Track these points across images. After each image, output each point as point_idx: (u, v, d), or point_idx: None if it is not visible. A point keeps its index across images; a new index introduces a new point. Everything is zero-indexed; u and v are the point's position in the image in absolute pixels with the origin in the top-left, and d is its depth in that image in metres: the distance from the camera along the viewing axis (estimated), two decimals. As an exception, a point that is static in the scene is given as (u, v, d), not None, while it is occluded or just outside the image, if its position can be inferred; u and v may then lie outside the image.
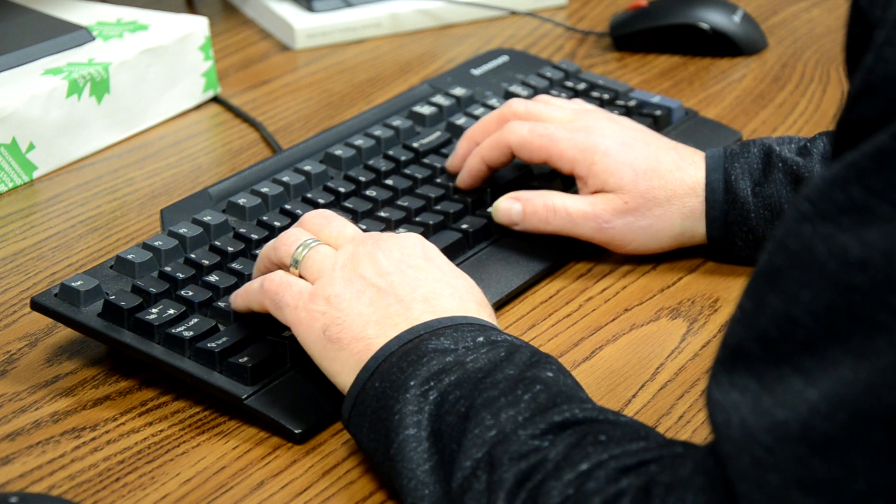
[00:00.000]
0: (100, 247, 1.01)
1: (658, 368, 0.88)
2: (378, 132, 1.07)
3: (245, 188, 1.00)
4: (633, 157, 0.95)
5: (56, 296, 0.87)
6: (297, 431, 0.80)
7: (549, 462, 0.66)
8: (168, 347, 0.84)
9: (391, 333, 0.77)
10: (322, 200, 0.98)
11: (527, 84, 1.17)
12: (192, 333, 0.83)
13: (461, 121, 1.10)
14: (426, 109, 1.11)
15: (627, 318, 0.93)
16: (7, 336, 0.91)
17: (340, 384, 0.78)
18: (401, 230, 0.96)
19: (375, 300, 0.79)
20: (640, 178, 0.95)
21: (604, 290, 0.96)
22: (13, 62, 1.13)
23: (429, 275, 0.80)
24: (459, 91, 1.14)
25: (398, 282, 0.79)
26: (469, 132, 1.02)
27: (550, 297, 0.95)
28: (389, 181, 1.01)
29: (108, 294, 0.87)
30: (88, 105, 1.13)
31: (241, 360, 0.82)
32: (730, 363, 0.59)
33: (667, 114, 1.13)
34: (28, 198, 1.08)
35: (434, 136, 1.07)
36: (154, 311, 0.85)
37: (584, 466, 0.64)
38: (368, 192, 1.00)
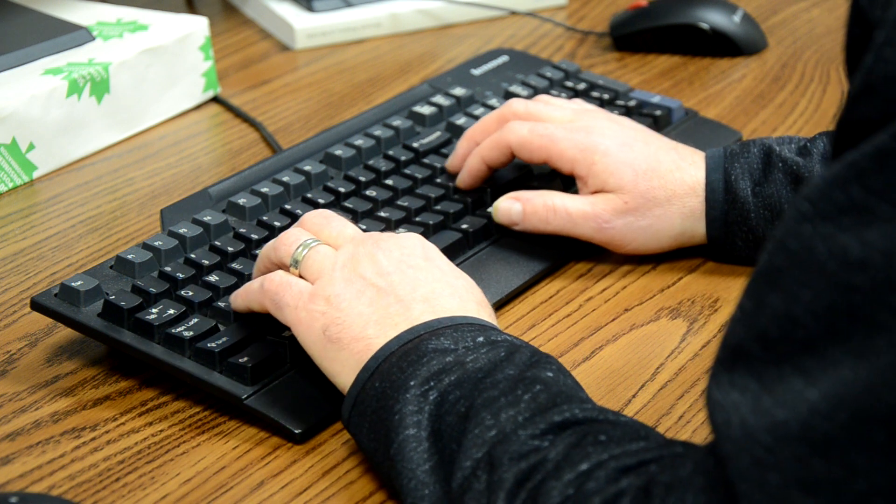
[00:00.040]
0: (100, 247, 1.01)
1: (658, 368, 0.88)
2: (378, 132, 1.07)
3: (245, 188, 1.00)
4: (634, 157, 0.95)
5: (56, 296, 0.87)
6: (297, 431, 0.80)
7: (549, 462, 0.66)
8: (168, 347, 0.84)
9: (391, 333, 0.77)
10: (322, 200, 0.98)
11: (527, 84, 1.17)
12: (192, 333, 0.83)
13: (461, 121, 1.10)
14: (426, 109, 1.11)
15: (627, 318, 0.93)
16: (7, 336, 0.91)
17: (340, 384, 0.78)
18: (401, 230, 0.96)
19: (375, 300, 0.79)
20: (640, 178, 0.95)
21: (604, 290, 0.96)
22: (13, 62, 1.13)
23: (429, 275, 0.80)
24: (459, 91, 1.14)
25: (398, 282, 0.79)
26: (469, 132, 1.02)
27: (550, 297, 0.95)
28: (389, 181, 1.01)
29: (108, 294, 0.87)
30: (88, 105, 1.13)
31: (241, 360, 0.82)
32: (730, 363, 0.59)
33: (667, 114, 1.13)
34: (28, 198, 1.08)
35: (434, 136, 1.07)
36: (154, 311, 0.85)
37: (584, 466, 0.64)
38: (368, 192, 1.00)
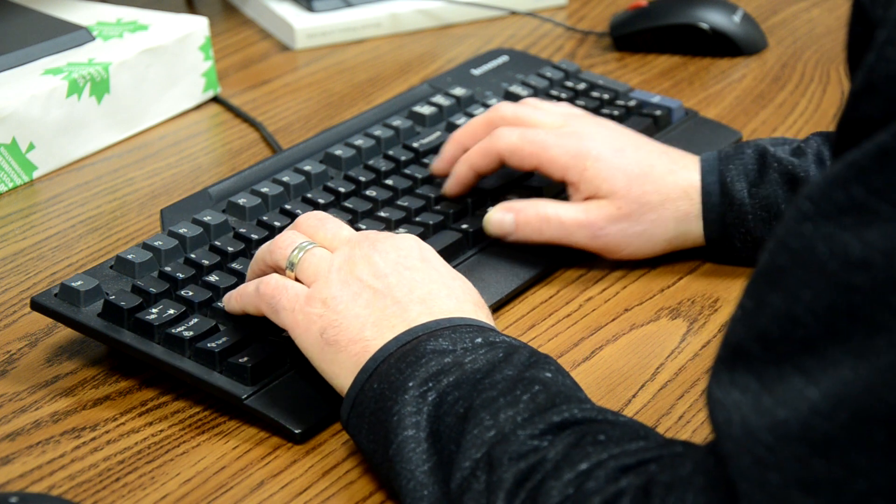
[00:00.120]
0: (100, 247, 1.01)
1: (658, 368, 0.88)
2: (378, 132, 1.07)
3: (245, 188, 1.00)
4: (626, 162, 0.95)
5: (56, 296, 0.87)
6: (297, 431, 0.80)
7: (549, 462, 0.66)
8: (168, 347, 0.84)
9: (389, 335, 0.77)
10: (322, 200, 0.98)
11: (527, 84, 1.17)
12: (192, 333, 0.83)
13: (461, 121, 1.10)
14: (426, 109, 1.11)
15: (627, 318, 0.93)
16: (7, 336, 0.91)
17: (339, 386, 0.78)
18: (401, 230, 0.96)
19: (372, 302, 0.78)
20: (633, 184, 0.94)
21: (604, 291, 0.96)
22: (13, 62, 1.13)
23: (426, 276, 0.80)
24: (459, 91, 1.14)
25: (395, 283, 0.79)
26: (456, 135, 1.00)
27: (550, 298, 0.95)
28: (389, 181, 1.01)
29: (108, 294, 0.87)
30: (88, 105, 1.13)
31: (241, 360, 0.82)
32: (730, 362, 0.59)
33: (667, 114, 1.13)
34: (28, 198, 1.08)
35: (434, 136, 1.07)
36: (154, 311, 0.85)
37: (584, 466, 0.64)
38: (368, 192, 1.00)
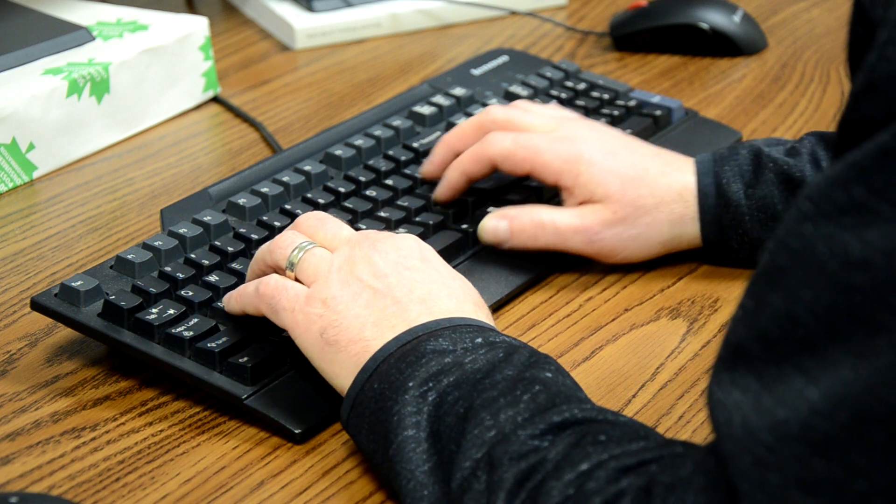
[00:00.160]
0: (100, 247, 1.01)
1: (658, 368, 0.88)
2: (378, 132, 1.07)
3: (245, 188, 1.00)
4: (619, 166, 0.94)
5: (56, 296, 0.87)
6: (297, 431, 0.80)
7: (549, 462, 0.66)
8: (168, 347, 0.84)
9: (389, 335, 0.77)
10: (322, 200, 0.98)
11: (527, 84, 1.17)
12: (192, 333, 0.83)
13: (461, 121, 1.09)
14: (426, 109, 1.11)
15: (627, 318, 0.93)
16: (7, 336, 0.91)
17: (339, 386, 0.78)
18: (401, 230, 0.96)
19: (372, 302, 0.78)
20: (628, 187, 0.94)
21: (604, 290, 0.96)
22: (13, 62, 1.13)
23: (426, 276, 0.80)
24: (459, 91, 1.14)
25: (395, 283, 0.79)
26: (446, 139, 1.00)
27: (550, 297, 0.95)
28: (389, 181, 1.01)
29: (108, 294, 0.87)
30: (88, 105, 1.13)
31: (241, 360, 0.82)
32: (731, 362, 0.59)
33: (667, 114, 1.13)
34: (28, 198, 1.08)
35: (434, 136, 1.07)
36: (154, 311, 0.85)
37: (585, 466, 0.64)
38: (368, 192, 1.00)
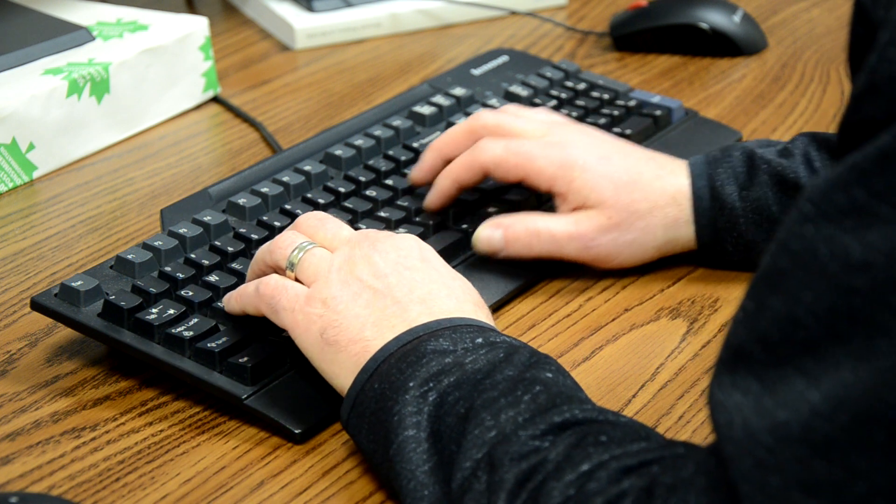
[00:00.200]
0: (100, 247, 1.01)
1: (658, 368, 0.88)
2: (378, 132, 1.07)
3: (245, 188, 1.00)
4: (613, 170, 0.94)
5: (56, 296, 0.87)
6: (297, 431, 0.80)
7: (550, 462, 0.66)
8: (168, 347, 0.84)
9: (389, 335, 0.77)
10: (322, 200, 0.98)
11: (527, 84, 1.17)
12: (192, 333, 0.83)
13: (461, 121, 1.09)
14: (426, 109, 1.11)
15: (627, 318, 0.93)
16: (7, 336, 0.91)
17: (339, 386, 0.78)
18: (401, 230, 0.96)
19: (372, 302, 0.78)
20: (622, 192, 0.93)
21: (604, 291, 0.96)
22: (13, 62, 1.13)
23: (426, 276, 0.80)
24: (459, 91, 1.14)
25: (395, 283, 0.79)
26: (436, 144, 0.99)
27: (550, 297, 0.95)
28: (389, 181, 1.01)
29: (108, 294, 0.87)
30: (88, 105, 1.13)
31: (241, 360, 0.82)
32: (732, 364, 0.59)
33: (667, 114, 1.13)
34: (28, 198, 1.08)
35: (434, 136, 1.07)
36: (154, 311, 0.85)
37: (586, 467, 0.64)
38: (368, 192, 1.00)
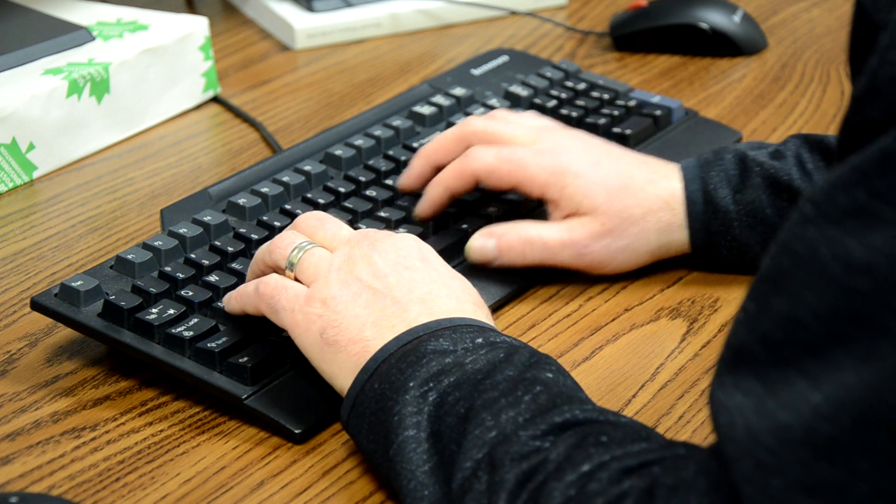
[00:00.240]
0: (100, 247, 1.01)
1: (658, 368, 0.88)
2: (378, 132, 1.07)
3: (245, 188, 1.00)
4: (605, 176, 0.93)
5: (56, 296, 0.87)
6: (297, 431, 0.80)
7: (551, 463, 0.66)
8: (168, 347, 0.84)
9: (389, 335, 0.77)
10: (322, 200, 0.98)
11: (527, 84, 1.17)
12: (192, 333, 0.83)
13: (461, 121, 1.09)
14: (426, 109, 1.11)
15: (627, 318, 0.93)
16: (7, 336, 0.90)
17: (339, 386, 0.78)
18: (401, 230, 0.96)
19: (372, 302, 0.78)
20: (614, 198, 0.93)
21: (604, 290, 0.96)
22: (13, 62, 1.13)
23: (425, 276, 0.80)
24: (459, 91, 1.14)
25: (395, 283, 0.79)
26: (425, 151, 0.98)
27: (550, 297, 0.95)
28: (389, 181, 1.01)
29: (108, 294, 0.87)
30: (88, 105, 1.13)
31: (241, 360, 0.82)
32: (733, 365, 0.59)
33: (667, 114, 1.13)
34: (28, 198, 1.08)
35: (428, 140, 1.07)
36: (154, 311, 0.85)
37: (586, 467, 0.64)
38: (368, 192, 1.00)
